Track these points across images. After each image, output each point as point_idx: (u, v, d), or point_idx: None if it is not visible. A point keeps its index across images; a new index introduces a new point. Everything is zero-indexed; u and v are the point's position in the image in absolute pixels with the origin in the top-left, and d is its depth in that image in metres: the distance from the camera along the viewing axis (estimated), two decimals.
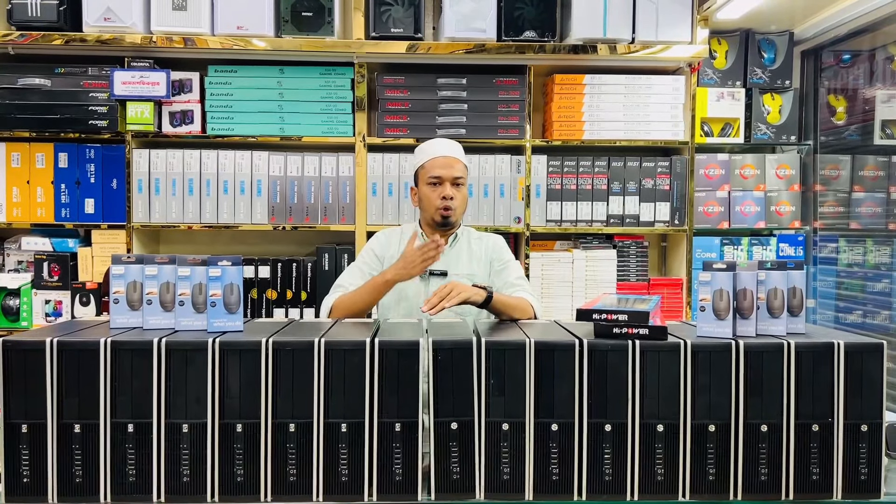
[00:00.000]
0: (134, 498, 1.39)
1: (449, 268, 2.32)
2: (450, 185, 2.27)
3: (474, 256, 2.36)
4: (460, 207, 2.32)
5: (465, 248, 2.38)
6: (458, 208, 2.30)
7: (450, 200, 2.26)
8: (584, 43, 3.06)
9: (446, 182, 2.27)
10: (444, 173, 2.27)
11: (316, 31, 2.98)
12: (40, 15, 2.91)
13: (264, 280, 3.08)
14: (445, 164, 2.28)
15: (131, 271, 1.52)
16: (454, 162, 2.30)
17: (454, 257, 2.35)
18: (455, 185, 2.28)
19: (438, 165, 2.29)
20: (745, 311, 1.50)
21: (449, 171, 2.28)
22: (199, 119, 3.11)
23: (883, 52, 3.22)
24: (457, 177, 2.28)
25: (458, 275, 2.31)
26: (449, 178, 2.27)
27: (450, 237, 2.36)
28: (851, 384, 1.43)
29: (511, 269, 2.33)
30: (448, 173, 2.27)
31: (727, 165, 3.34)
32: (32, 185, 3.06)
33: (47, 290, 3.06)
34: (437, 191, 2.28)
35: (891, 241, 3.15)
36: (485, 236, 2.43)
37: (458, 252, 2.36)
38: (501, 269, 2.33)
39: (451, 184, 2.27)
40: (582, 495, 1.42)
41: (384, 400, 1.40)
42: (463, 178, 2.31)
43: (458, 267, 2.33)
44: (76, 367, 1.39)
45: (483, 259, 2.36)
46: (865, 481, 1.44)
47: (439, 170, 2.28)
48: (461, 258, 2.35)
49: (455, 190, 2.28)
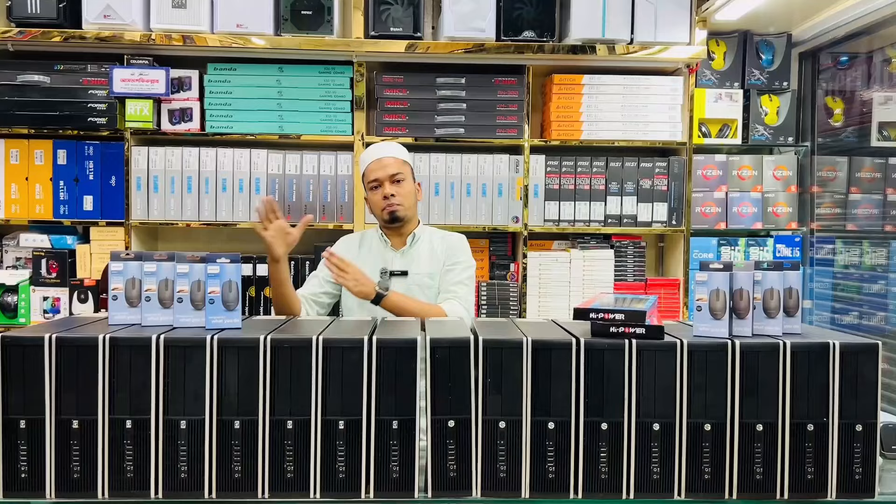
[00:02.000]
0: (132, 494, 1.39)
1: (409, 268, 2.36)
2: (389, 184, 2.34)
3: (435, 255, 2.39)
4: (406, 200, 2.36)
5: (425, 247, 2.40)
6: (404, 202, 2.36)
7: (391, 198, 2.33)
8: (582, 43, 3.06)
9: (384, 182, 2.34)
10: (379, 174, 2.35)
11: (315, 29, 2.98)
12: (40, 12, 2.91)
13: (262, 278, 3.09)
14: (379, 167, 2.36)
15: (130, 268, 1.52)
16: (388, 161, 2.36)
17: (415, 257, 2.38)
18: (394, 182, 2.34)
19: (374, 169, 2.37)
20: (741, 311, 1.50)
21: (383, 171, 2.35)
22: (198, 117, 3.11)
23: (880, 54, 3.23)
24: (393, 174, 2.35)
25: (418, 274, 2.36)
26: (385, 177, 2.34)
27: (408, 237, 2.39)
28: (846, 384, 1.44)
29: (456, 272, 2.37)
30: (383, 173, 2.35)
31: (725, 166, 3.35)
32: (31, 181, 3.06)
33: (45, 286, 3.06)
34: (378, 193, 2.36)
35: (887, 242, 3.16)
36: (447, 235, 2.46)
37: (418, 252, 2.39)
38: (448, 269, 2.37)
39: (389, 182, 2.34)
40: (578, 493, 1.42)
41: (381, 398, 1.41)
42: (401, 173, 2.36)
43: (419, 266, 2.37)
44: (75, 364, 1.39)
45: (442, 258, 2.38)
46: (860, 481, 1.44)
47: (375, 173, 2.36)
48: (421, 258, 2.38)
49: (396, 187, 2.35)
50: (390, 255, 2.40)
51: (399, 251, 2.40)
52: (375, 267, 2.36)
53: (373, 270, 2.33)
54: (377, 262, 2.37)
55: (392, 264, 2.38)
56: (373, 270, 2.33)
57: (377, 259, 2.39)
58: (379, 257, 2.40)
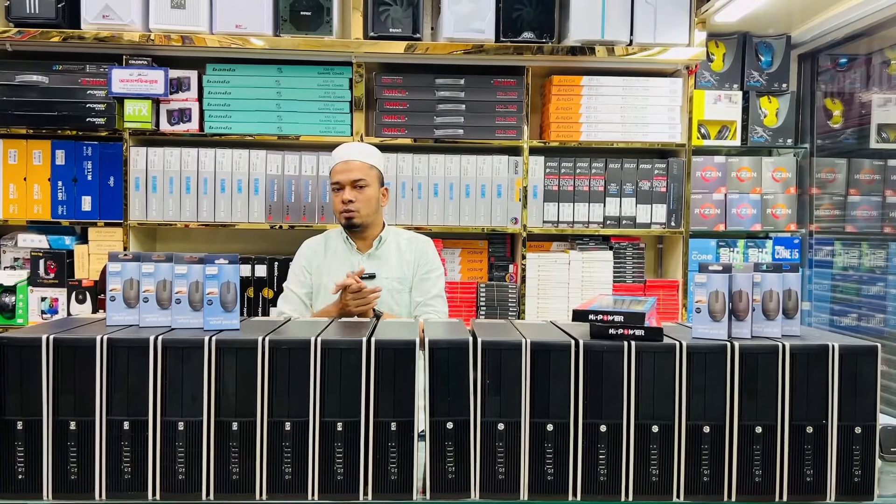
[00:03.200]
0: (129, 495, 1.38)
1: (378, 270, 2.34)
2: (350, 189, 2.32)
3: (404, 259, 2.38)
4: (364, 208, 2.35)
5: (393, 250, 2.39)
6: (362, 209, 2.34)
7: (349, 204, 2.32)
8: (582, 44, 3.06)
9: (346, 186, 2.33)
10: (342, 178, 2.34)
11: (314, 30, 2.98)
12: (38, 12, 2.91)
13: (261, 279, 3.08)
14: (343, 169, 2.35)
15: (128, 269, 1.52)
16: (353, 165, 2.35)
17: (383, 260, 2.37)
18: (356, 187, 2.33)
19: (338, 171, 2.36)
20: (740, 312, 1.50)
21: (347, 175, 2.34)
22: (197, 117, 3.10)
23: (879, 56, 3.23)
24: (355, 179, 2.33)
25: (388, 278, 2.35)
26: (347, 181, 2.34)
27: (374, 240, 2.38)
28: (845, 386, 1.44)
29: (431, 282, 2.37)
30: (346, 177, 2.34)
31: (724, 168, 3.35)
32: (29, 181, 3.06)
33: (43, 287, 3.05)
34: (338, 196, 2.35)
35: (886, 244, 3.16)
36: (415, 238, 2.45)
37: (385, 255, 2.38)
38: (423, 279, 2.36)
39: (350, 187, 2.33)
40: (577, 495, 1.42)
41: (380, 399, 1.40)
42: (364, 179, 2.35)
43: (388, 270, 2.35)
44: (72, 364, 1.38)
45: (412, 262, 2.38)
46: (859, 483, 1.44)
47: (338, 175, 2.36)
48: (390, 261, 2.37)
49: (356, 192, 2.33)
50: (356, 259, 2.38)
51: (365, 254, 2.39)
52: (342, 271, 2.33)
53: (339, 274, 2.31)
54: (343, 266, 2.35)
55: (358, 268, 2.35)
56: (339, 274, 2.31)
57: (343, 262, 2.37)
58: (345, 261, 2.38)
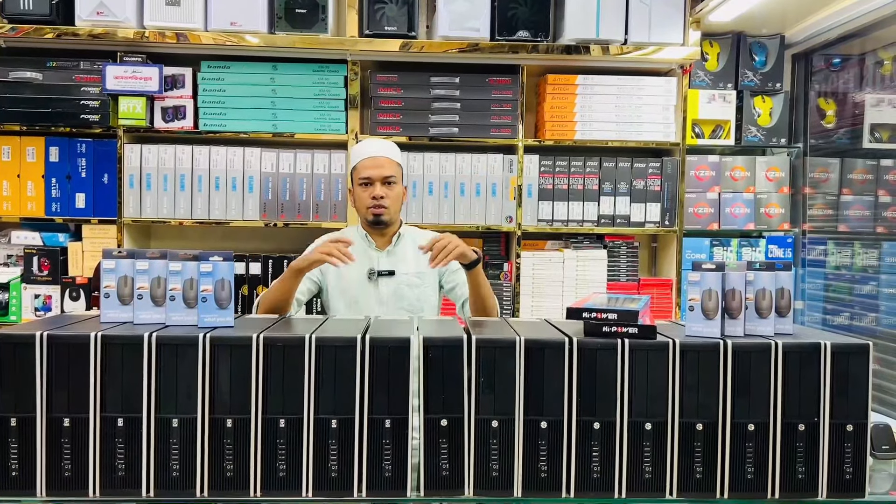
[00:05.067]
0: (123, 492, 1.38)
1: (396, 267, 2.35)
2: (380, 185, 2.31)
3: (419, 255, 2.38)
4: (393, 206, 2.34)
5: (409, 246, 2.39)
6: (391, 207, 2.33)
7: (380, 199, 2.30)
8: (577, 43, 3.07)
9: (376, 182, 2.31)
10: (373, 173, 2.31)
11: (310, 28, 2.98)
12: (32, 8, 2.90)
13: (255, 277, 3.08)
14: (374, 165, 2.32)
15: (122, 266, 1.52)
16: (383, 161, 2.33)
17: (400, 256, 2.37)
18: (386, 183, 2.32)
19: (368, 166, 2.33)
20: (733, 311, 1.51)
21: (378, 170, 2.31)
22: (192, 115, 3.10)
23: (873, 56, 3.24)
24: (386, 176, 2.32)
25: (406, 273, 2.34)
26: (378, 177, 2.31)
27: (393, 237, 2.38)
28: (837, 384, 1.44)
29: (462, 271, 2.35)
30: (377, 173, 2.31)
31: (718, 167, 3.36)
32: (23, 178, 3.05)
33: (37, 284, 3.04)
34: (367, 191, 2.32)
35: (878, 244, 3.18)
36: (431, 235, 2.44)
37: (403, 251, 2.39)
38: (457, 268, 2.35)
39: (381, 183, 2.31)
40: (570, 493, 1.43)
41: (374, 396, 1.41)
42: (394, 176, 2.34)
43: (406, 266, 2.36)
44: (66, 362, 1.38)
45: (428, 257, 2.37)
46: (850, 481, 1.45)
47: (368, 170, 2.32)
48: (407, 257, 2.38)
49: (386, 189, 2.32)
50: (375, 255, 2.38)
51: (384, 251, 2.39)
52: (362, 267, 2.34)
53: (359, 271, 2.32)
54: (363, 263, 2.36)
55: (378, 264, 2.36)
56: (359, 271, 2.32)
57: (362, 259, 2.37)
58: (364, 257, 2.38)
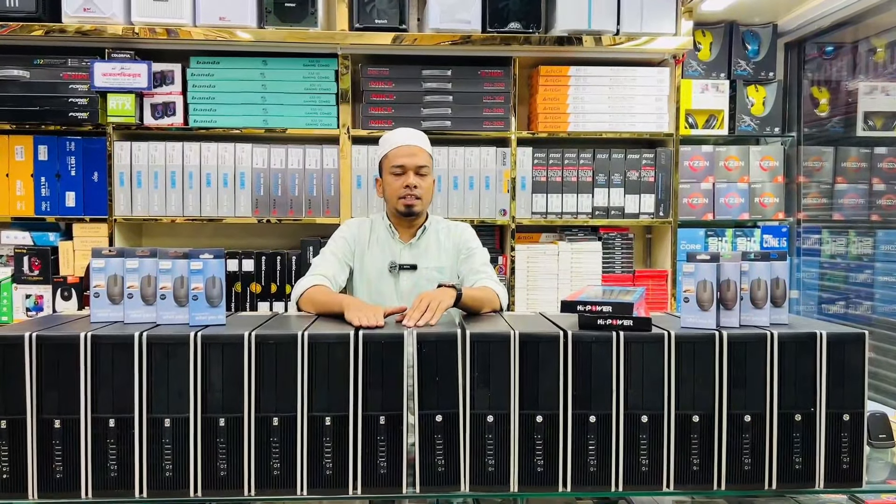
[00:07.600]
0: (116, 493, 1.37)
1: (418, 261, 2.31)
2: (413, 174, 2.26)
3: (443, 248, 2.35)
4: (425, 196, 2.30)
5: (433, 240, 2.37)
6: (424, 197, 2.29)
7: (413, 189, 2.25)
8: (569, 34, 3.05)
9: (410, 171, 2.26)
10: (407, 162, 2.26)
11: (299, 22, 2.95)
12: (19, 5, 2.86)
13: (248, 273, 3.06)
14: (408, 153, 2.27)
15: (112, 265, 1.50)
16: (417, 151, 2.29)
17: (423, 250, 2.34)
18: (419, 174, 2.27)
19: (402, 154, 2.27)
20: (728, 301, 1.50)
21: (412, 159, 2.26)
22: (182, 111, 3.07)
23: (866, 44, 3.24)
24: (420, 165, 2.27)
25: (427, 268, 2.31)
26: (412, 166, 2.26)
27: (418, 230, 2.35)
28: (833, 374, 1.44)
29: (476, 256, 2.33)
30: (411, 162, 2.26)
31: (711, 157, 3.35)
32: (12, 177, 3.02)
33: (28, 284, 3.02)
34: (400, 180, 2.26)
35: (873, 232, 3.18)
36: (453, 226, 2.42)
37: (426, 245, 2.35)
38: (467, 256, 2.33)
39: (414, 173, 2.26)
40: (567, 487, 1.42)
41: (368, 393, 1.40)
42: (427, 166, 2.29)
43: (428, 260, 2.33)
44: (56, 362, 1.37)
45: (451, 249, 2.35)
46: (847, 470, 1.45)
47: (402, 158, 2.26)
48: (430, 251, 2.35)
49: (419, 179, 2.27)
50: (398, 248, 2.34)
51: (407, 244, 2.35)
52: (384, 259, 2.30)
53: (381, 262, 2.30)
54: (385, 255, 2.32)
55: (400, 257, 2.31)
56: (381, 262, 2.30)
57: (384, 251, 2.34)
58: (387, 249, 2.34)
